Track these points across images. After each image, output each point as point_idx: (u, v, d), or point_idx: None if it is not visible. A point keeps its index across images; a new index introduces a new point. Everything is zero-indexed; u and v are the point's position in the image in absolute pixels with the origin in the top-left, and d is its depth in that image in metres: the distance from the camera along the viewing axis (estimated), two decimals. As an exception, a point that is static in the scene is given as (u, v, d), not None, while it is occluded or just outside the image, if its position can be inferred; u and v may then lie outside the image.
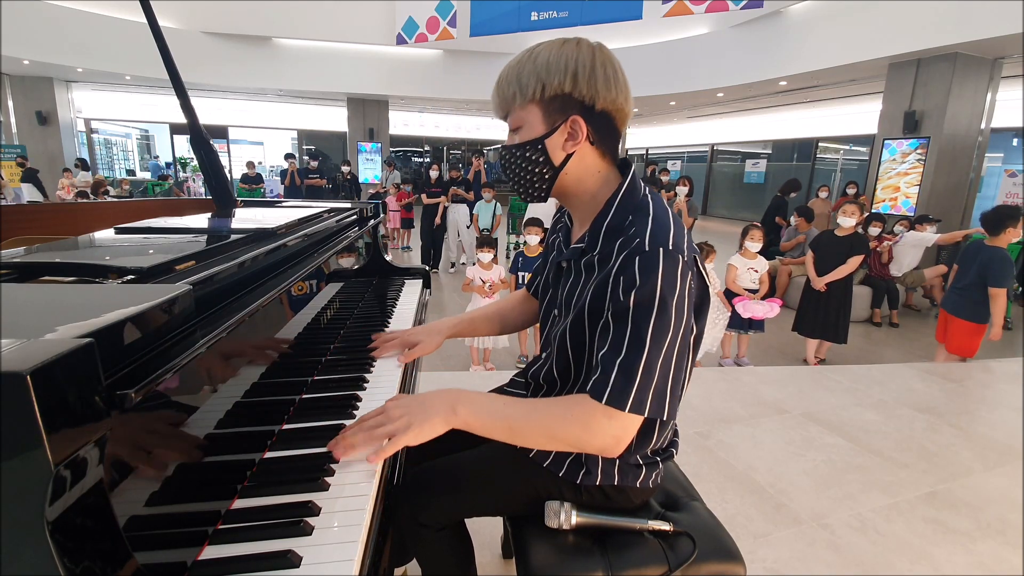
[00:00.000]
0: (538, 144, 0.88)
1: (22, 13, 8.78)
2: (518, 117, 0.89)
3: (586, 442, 0.81)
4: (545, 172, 0.90)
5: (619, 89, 0.85)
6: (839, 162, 12.07)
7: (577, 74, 0.83)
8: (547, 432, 0.82)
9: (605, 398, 0.78)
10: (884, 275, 5.47)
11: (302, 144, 14.73)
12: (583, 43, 0.86)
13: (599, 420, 0.79)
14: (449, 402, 0.83)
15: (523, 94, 0.86)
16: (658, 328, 0.77)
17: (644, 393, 0.77)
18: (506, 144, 0.94)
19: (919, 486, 2.05)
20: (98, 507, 0.43)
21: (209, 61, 10.66)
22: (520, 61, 0.87)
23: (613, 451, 0.82)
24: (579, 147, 0.87)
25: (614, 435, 0.80)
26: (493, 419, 0.83)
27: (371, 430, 0.79)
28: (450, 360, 4.05)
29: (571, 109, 0.85)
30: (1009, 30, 5.82)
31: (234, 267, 0.79)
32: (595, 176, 0.91)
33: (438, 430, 0.82)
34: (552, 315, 1.00)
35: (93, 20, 9.62)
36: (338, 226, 1.46)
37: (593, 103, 0.85)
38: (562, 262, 0.97)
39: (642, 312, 0.77)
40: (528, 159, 0.89)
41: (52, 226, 1.65)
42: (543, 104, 0.86)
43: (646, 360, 0.76)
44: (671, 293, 0.77)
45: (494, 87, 0.91)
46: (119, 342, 0.49)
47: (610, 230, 0.86)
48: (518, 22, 9.36)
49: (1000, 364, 3.60)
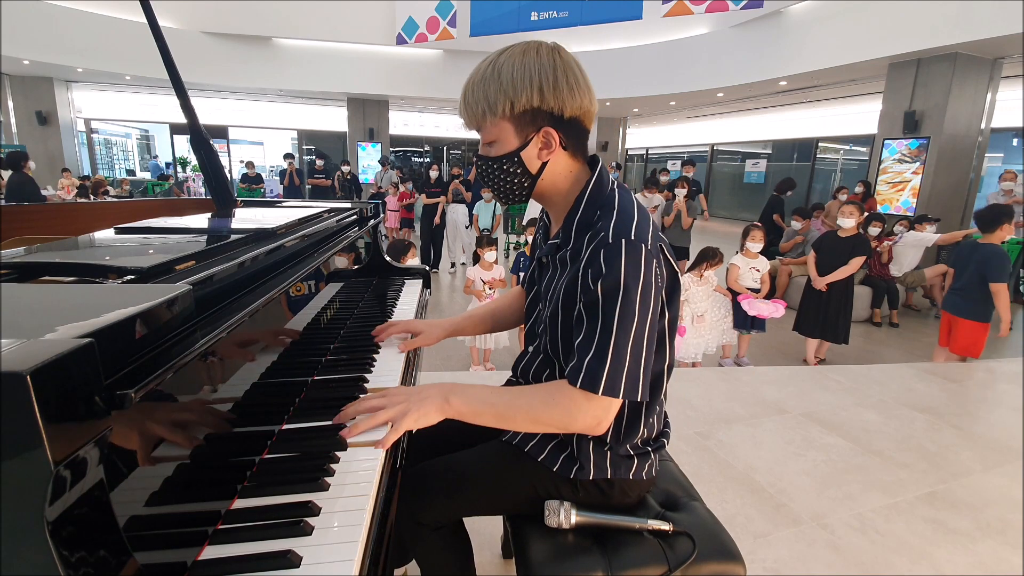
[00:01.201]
0: (514, 157, 0.91)
1: (22, 13, 8.78)
2: (490, 132, 0.91)
3: (567, 424, 0.87)
4: (524, 181, 0.94)
5: (583, 92, 0.88)
6: (839, 162, 12.07)
7: (543, 88, 0.85)
8: (531, 416, 0.88)
9: (579, 382, 0.82)
10: (884, 275, 5.47)
11: (302, 144, 14.73)
12: (543, 50, 0.87)
13: (578, 403, 0.84)
14: (443, 393, 0.88)
15: (492, 112, 0.88)
16: (624, 314, 0.81)
17: (616, 376, 0.82)
18: (481, 155, 0.96)
19: (919, 486, 2.05)
20: (98, 507, 0.43)
21: (209, 61, 10.67)
22: (484, 77, 0.88)
23: (594, 431, 0.87)
24: (553, 154, 0.91)
25: (594, 416, 0.85)
26: (483, 407, 0.89)
27: (374, 414, 0.85)
28: (450, 360, 4.05)
29: (542, 121, 0.88)
30: (1009, 30, 5.83)
31: (234, 267, 0.79)
32: (568, 176, 0.95)
33: (433, 418, 0.87)
34: (537, 309, 1.04)
35: (93, 20, 9.62)
36: (338, 226, 1.46)
37: (562, 112, 0.88)
38: (542, 258, 1.01)
39: (609, 300, 0.81)
40: (506, 171, 0.93)
41: (52, 226, 1.65)
42: (513, 120, 0.88)
43: (615, 345, 0.81)
44: (635, 280, 0.81)
45: (460, 102, 0.92)
46: (119, 342, 0.48)
47: (580, 226, 0.91)
48: (518, 22, 9.37)
49: (1000, 364, 3.60)
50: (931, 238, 5.52)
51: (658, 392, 0.97)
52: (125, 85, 12.00)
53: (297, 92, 12.81)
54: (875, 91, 8.28)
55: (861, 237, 4.04)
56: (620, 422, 0.96)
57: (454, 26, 10.14)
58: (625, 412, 0.95)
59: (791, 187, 7.50)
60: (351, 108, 12.95)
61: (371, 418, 0.84)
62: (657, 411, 1.00)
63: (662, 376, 0.96)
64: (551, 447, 0.99)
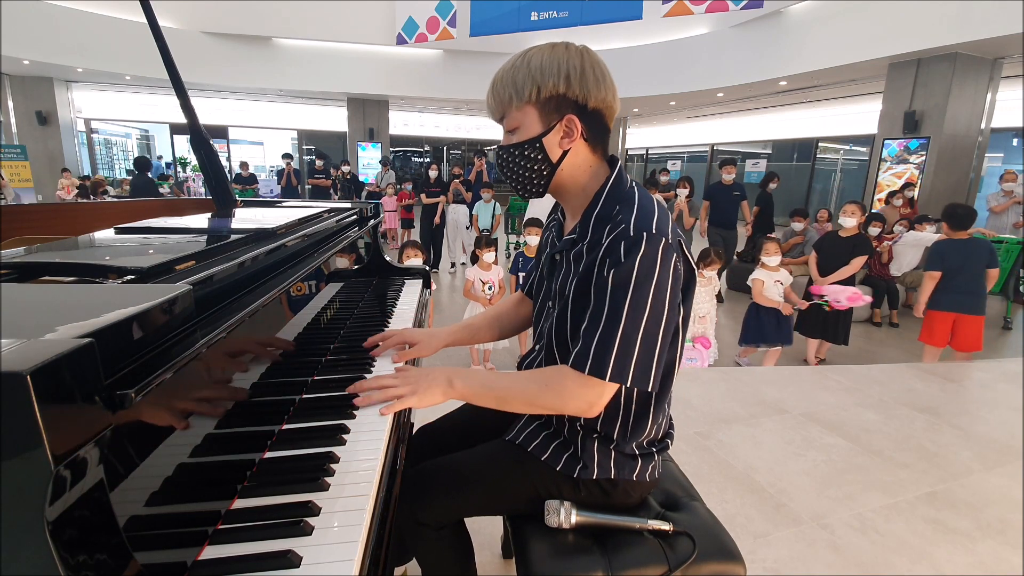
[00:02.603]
0: (536, 143, 0.92)
1: (22, 13, 8.79)
2: (514, 118, 0.93)
3: (560, 405, 0.89)
4: (544, 169, 0.94)
5: (607, 88, 0.91)
6: (839, 162, 12.07)
7: (570, 76, 0.88)
8: (527, 398, 0.90)
9: (587, 368, 0.83)
10: (884, 275, 5.47)
11: (302, 144, 14.73)
12: (572, 47, 0.91)
13: (572, 387, 0.86)
14: (447, 376, 0.93)
15: (519, 96, 0.90)
16: (635, 303, 0.81)
17: (624, 363, 0.82)
18: (503, 144, 0.97)
19: (919, 486, 2.05)
20: (98, 507, 0.43)
21: (209, 61, 10.67)
22: (514, 65, 0.91)
23: (586, 414, 0.88)
24: (574, 144, 0.92)
25: (588, 400, 0.86)
26: (483, 389, 0.92)
27: (385, 389, 0.91)
28: (451, 360, 4.05)
29: (566, 108, 0.90)
30: (1009, 30, 5.83)
31: (234, 267, 0.79)
32: (587, 170, 0.95)
33: (438, 399, 0.91)
34: (546, 308, 1.03)
35: (93, 20, 9.63)
36: (338, 226, 1.46)
37: (586, 102, 0.90)
38: (555, 255, 1.01)
39: (620, 288, 0.82)
40: (527, 157, 0.93)
41: (52, 226, 1.65)
42: (539, 105, 0.90)
43: (623, 332, 0.82)
44: (651, 271, 0.82)
45: (489, 90, 0.95)
46: (119, 342, 0.48)
47: (599, 219, 0.91)
48: (518, 22, 9.37)
49: (1000, 364, 3.60)
50: (931, 238, 5.51)
51: (667, 387, 0.97)
52: (125, 85, 12.00)
53: (297, 92, 12.81)
54: (875, 91, 8.29)
55: (862, 237, 4.04)
56: (628, 418, 0.96)
57: (454, 26, 10.14)
58: (634, 408, 0.95)
59: (772, 179, 7.40)
60: (351, 108, 12.95)
61: (382, 392, 0.90)
62: (665, 410, 1.01)
63: (672, 372, 0.96)
64: (554, 446, 0.99)
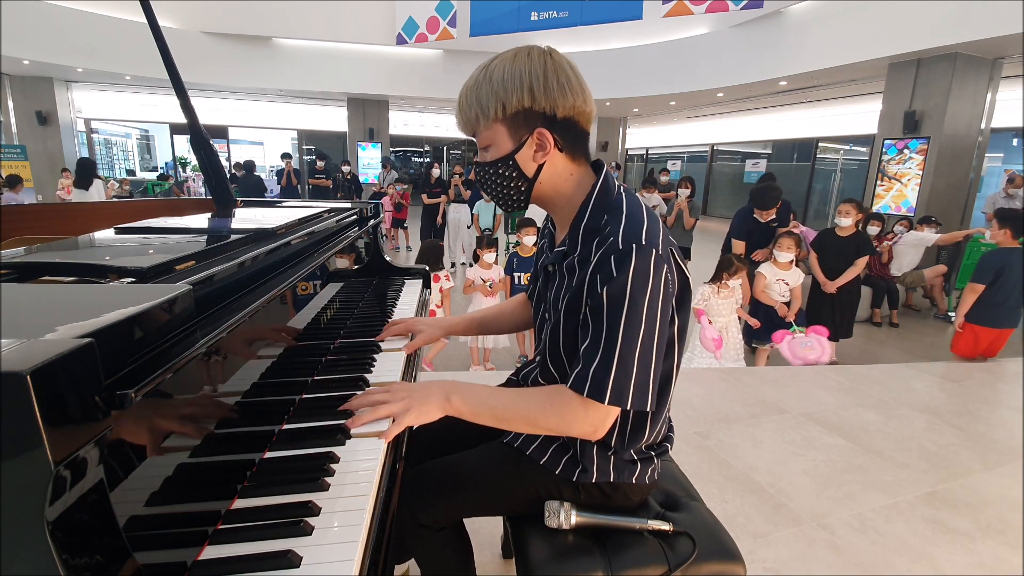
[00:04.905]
0: (509, 160, 0.90)
1: (22, 13, 8.78)
2: (485, 136, 0.91)
3: (564, 430, 0.87)
4: (521, 185, 0.93)
5: (575, 93, 0.87)
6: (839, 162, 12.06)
7: (533, 88, 0.85)
8: (528, 420, 0.88)
9: (586, 391, 0.81)
10: (884, 275, 5.47)
11: (302, 144, 14.72)
12: (534, 52, 0.87)
13: (575, 410, 0.84)
14: (444, 391, 0.89)
15: (485, 115, 0.89)
16: (630, 321, 0.79)
17: (623, 385, 0.80)
18: (478, 161, 0.96)
19: (919, 486, 2.05)
20: (98, 507, 0.43)
21: (209, 61, 10.65)
22: (477, 82, 0.89)
23: (591, 437, 0.87)
24: (548, 156, 0.89)
25: (591, 423, 0.85)
26: (482, 407, 0.89)
27: (376, 407, 0.87)
28: (450, 360, 4.05)
29: (535, 122, 0.87)
30: (1009, 30, 5.82)
31: (234, 267, 0.79)
32: (568, 179, 0.93)
33: (434, 415, 0.88)
34: (544, 319, 1.02)
35: (93, 20, 9.61)
36: (338, 226, 1.46)
37: (554, 112, 0.87)
38: (548, 266, 0.99)
39: (615, 306, 0.80)
40: (502, 175, 0.92)
41: (52, 226, 1.65)
42: (506, 122, 0.88)
43: (620, 354, 0.80)
44: (644, 286, 0.80)
45: (456, 108, 0.93)
46: (119, 342, 0.48)
47: (588, 231, 0.89)
48: (518, 22, 9.36)
49: (1000, 364, 3.60)
50: (931, 238, 5.52)
51: (665, 399, 0.96)
52: (125, 85, 11.99)
53: (297, 92, 12.80)
54: (875, 91, 8.27)
55: (864, 236, 4.04)
56: (625, 428, 0.95)
57: (454, 26, 10.13)
58: (630, 418, 0.94)
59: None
60: (351, 108, 12.94)
61: (374, 411, 0.86)
62: (664, 416, 1.00)
63: (669, 383, 0.95)
64: (553, 449, 0.99)
